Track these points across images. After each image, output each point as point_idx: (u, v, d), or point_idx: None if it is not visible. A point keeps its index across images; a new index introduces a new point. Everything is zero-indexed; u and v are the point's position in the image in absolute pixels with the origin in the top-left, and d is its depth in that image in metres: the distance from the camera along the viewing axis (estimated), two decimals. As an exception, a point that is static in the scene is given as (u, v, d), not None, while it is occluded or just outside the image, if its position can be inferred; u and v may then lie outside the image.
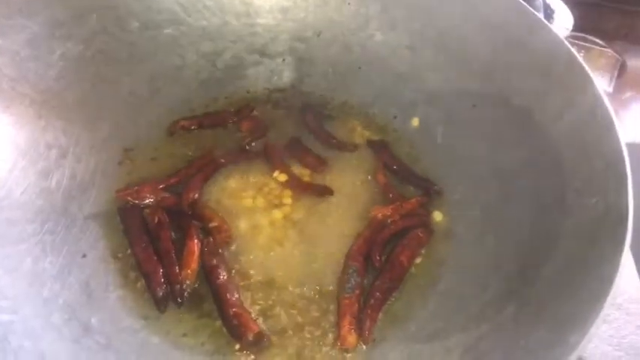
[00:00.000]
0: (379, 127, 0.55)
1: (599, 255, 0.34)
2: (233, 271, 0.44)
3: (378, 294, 0.41)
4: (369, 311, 0.40)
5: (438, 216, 0.48)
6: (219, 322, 0.41)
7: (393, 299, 0.42)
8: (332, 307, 0.42)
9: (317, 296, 0.43)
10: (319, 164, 0.51)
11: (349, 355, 0.39)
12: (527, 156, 0.43)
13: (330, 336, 0.41)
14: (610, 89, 0.67)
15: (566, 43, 0.43)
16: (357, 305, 0.40)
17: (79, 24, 0.48)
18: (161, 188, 0.48)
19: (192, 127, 0.53)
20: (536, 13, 0.46)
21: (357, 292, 0.41)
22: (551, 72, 0.43)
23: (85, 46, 0.49)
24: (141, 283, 0.42)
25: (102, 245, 0.44)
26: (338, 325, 0.40)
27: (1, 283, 0.37)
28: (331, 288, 0.43)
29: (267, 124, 0.54)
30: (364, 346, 0.40)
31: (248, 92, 0.57)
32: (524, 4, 0.46)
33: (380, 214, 0.46)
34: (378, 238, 0.45)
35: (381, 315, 0.41)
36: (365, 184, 0.50)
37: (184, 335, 0.40)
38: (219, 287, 0.42)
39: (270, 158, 0.51)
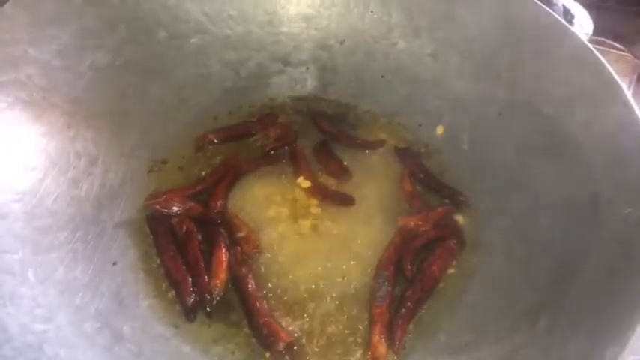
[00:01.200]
0: (404, 135, 0.55)
1: (633, 266, 0.34)
2: (261, 281, 0.44)
3: (409, 304, 0.41)
4: (400, 321, 0.40)
5: (460, 219, 0.47)
6: (247, 330, 0.41)
7: (423, 310, 0.42)
8: (362, 315, 0.42)
9: (346, 306, 0.43)
10: (343, 173, 0.51)
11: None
12: (556, 165, 0.43)
13: (360, 345, 0.40)
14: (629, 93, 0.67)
15: (595, 51, 0.42)
16: (388, 314, 0.40)
17: (109, 34, 0.49)
18: (188, 197, 0.48)
19: (218, 141, 0.53)
20: (562, 20, 0.46)
21: (388, 300, 0.41)
22: (580, 80, 0.42)
23: (114, 56, 0.49)
24: (171, 293, 0.43)
25: (132, 253, 0.44)
26: (369, 334, 0.40)
27: (34, 292, 0.37)
28: (360, 296, 0.43)
29: (295, 130, 0.55)
30: (395, 357, 0.40)
31: (271, 100, 0.58)
32: (550, 11, 0.46)
33: (412, 223, 0.46)
34: (410, 247, 0.45)
35: (410, 325, 0.41)
36: (391, 192, 0.50)
37: (214, 343, 0.40)
38: (248, 296, 0.42)
39: (295, 164, 0.52)
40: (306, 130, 0.55)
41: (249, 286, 0.42)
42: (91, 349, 0.36)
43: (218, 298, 0.42)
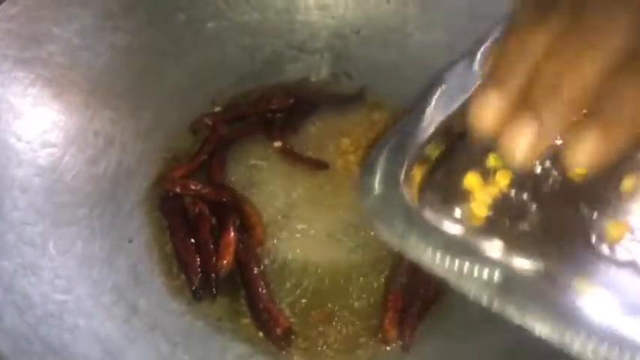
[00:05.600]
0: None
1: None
2: (264, 265, 0.45)
3: (419, 302, 0.42)
4: (410, 319, 0.41)
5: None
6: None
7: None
8: (371, 299, 0.43)
9: (354, 288, 0.43)
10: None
11: (387, 347, 0.40)
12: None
13: (371, 326, 0.41)
14: None
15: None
16: (400, 302, 0.41)
17: (128, 16, 0.50)
18: (192, 172, 0.49)
19: (212, 125, 0.53)
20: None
21: (403, 288, 0.42)
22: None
23: (132, 37, 0.50)
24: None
25: (147, 231, 0.45)
26: (381, 317, 0.41)
27: (54, 264, 0.39)
28: (370, 279, 0.44)
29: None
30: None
31: (285, 86, 0.58)
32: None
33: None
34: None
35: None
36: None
37: (227, 320, 0.41)
38: (250, 281, 0.43)
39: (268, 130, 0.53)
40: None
41: (253, 271, 0.43)
42: (109, 320, 0.38)
43: (223, 277, 0.43)
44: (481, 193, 0.32)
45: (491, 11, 0.50)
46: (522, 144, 0.23)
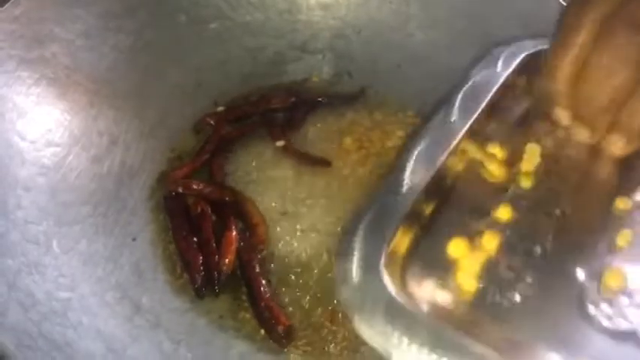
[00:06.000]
0: (414, 125, 0.55)
1: None
2: (266, 263, 0.45)
3: None
4: None
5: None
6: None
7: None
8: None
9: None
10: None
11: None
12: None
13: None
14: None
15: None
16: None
17: (131, 17, 0.50)
18: (195, 171, 0.49)
19: (215, 124, 0.53)
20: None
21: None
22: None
23: (135, 38, 0.50)
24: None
25: (150, 229, 0.45)
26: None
27: (58, 262, 0.39)
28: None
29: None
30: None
31: (287, 86, 0.58)
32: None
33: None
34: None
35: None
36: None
37: (230, 318, 0.42)
38: (252, 279, 0.43)
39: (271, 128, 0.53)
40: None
41: (255, 269, 0.43)
42: (113, 318, 0.38)
43: (225, 276, 0.43)
44: (468, 261, 0.31)
45: (491, 12, 0.51)
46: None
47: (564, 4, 0.46)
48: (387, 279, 0.29)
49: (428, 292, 0.29)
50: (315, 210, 0.48)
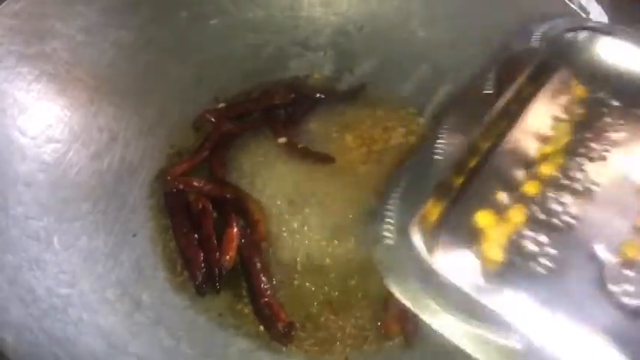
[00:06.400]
0: (417, 124, 0.55)
1: None
2: (267, 260, 0.45)
3: None
4: (412, 314, 0.41)
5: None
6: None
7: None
8: (375, 294, 0.42)
9: (357, 283, 0.43)
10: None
11: (391, 342, 0.40)
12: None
13: (375, 321, 0.42)
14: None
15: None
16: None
17: (132, 13, 0.50)
18: (194, 168, 0.49)
19: (215, 120, 0.53)
20: (583, 13, 0.46)
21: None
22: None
23: (136, 34, 0.50)
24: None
25: (150, 226, 0.45)
26: (384, 312, 0.41)
27: (59, 258, 0.39)
28: (373, 275, 0.43)
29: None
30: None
31: (289, 83, 0.58)
32: (573, 5, 0.46)
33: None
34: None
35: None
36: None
37: (230, 315, 0.41)
38: (253, 276, 0.43)
39: (273, 125, 0.53)
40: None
41: (255, 266, 0.43)
42: (113, 314, 0.38)
43: (225, 272, 0.43)
44: (494, 232, 0.32)
45: (493, 8, 0.51)
46: None
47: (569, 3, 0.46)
48: (418, 241, 0.30)
49: (455, 260, 0.30)
50: (317, 207, 0.48)
